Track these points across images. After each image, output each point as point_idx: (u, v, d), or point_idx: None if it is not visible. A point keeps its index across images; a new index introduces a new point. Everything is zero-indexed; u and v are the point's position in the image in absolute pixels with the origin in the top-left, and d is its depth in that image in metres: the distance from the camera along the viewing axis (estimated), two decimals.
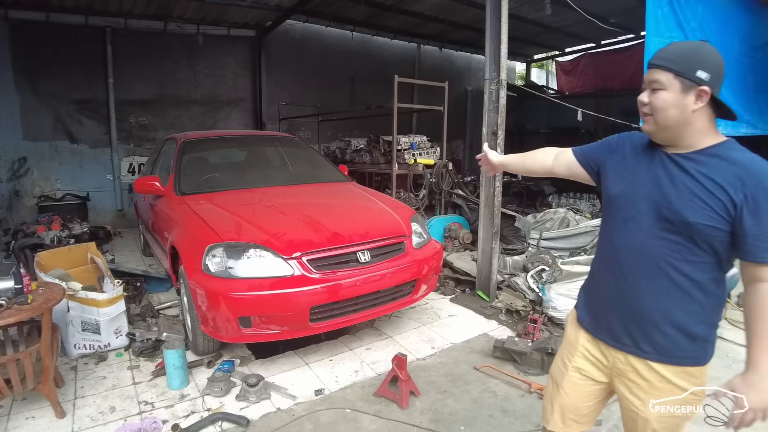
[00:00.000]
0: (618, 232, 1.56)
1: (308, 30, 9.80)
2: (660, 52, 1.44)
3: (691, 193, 1.39)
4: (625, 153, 1.61)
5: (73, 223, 6.64)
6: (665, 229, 1.44)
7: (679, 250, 1.43)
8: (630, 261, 1.52)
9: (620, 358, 1.58)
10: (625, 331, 1.55)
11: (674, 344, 1.48)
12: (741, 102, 5.75)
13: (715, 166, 1.39)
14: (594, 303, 1.69)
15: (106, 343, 3.51)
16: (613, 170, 1.62)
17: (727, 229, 1.37)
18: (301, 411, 2.85)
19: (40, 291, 2.82)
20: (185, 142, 4.77)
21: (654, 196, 1.46)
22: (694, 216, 1.38)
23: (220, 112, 9.36)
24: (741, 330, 3.94)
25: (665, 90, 1.40)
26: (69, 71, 7.78)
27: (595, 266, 1.71)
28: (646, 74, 1.46)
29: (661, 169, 1.48)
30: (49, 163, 7.87)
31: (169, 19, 8.36)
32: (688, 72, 1.37)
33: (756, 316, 1.37)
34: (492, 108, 4.36)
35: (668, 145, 1.49)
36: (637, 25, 9.17)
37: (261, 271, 3.08)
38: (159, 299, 4.59)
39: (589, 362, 1.69)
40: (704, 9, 4.98)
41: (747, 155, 1.40)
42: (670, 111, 1.40)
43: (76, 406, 2.90)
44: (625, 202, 1.54)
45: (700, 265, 1.43)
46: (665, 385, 1.50)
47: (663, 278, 1.46)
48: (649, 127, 1.47)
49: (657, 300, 1.48)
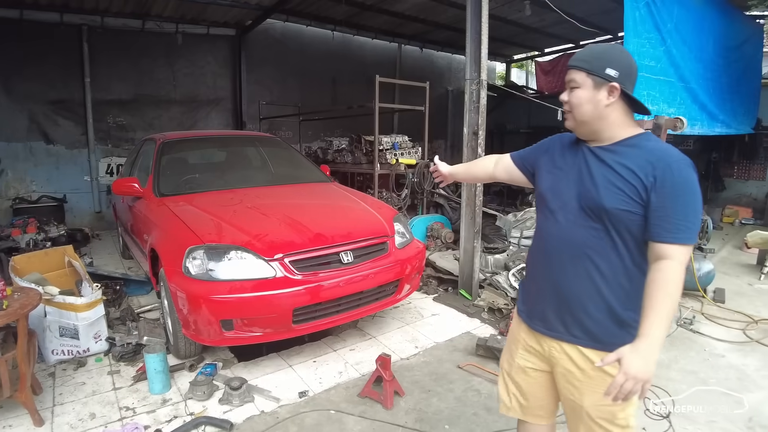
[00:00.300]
0: (547, 224, 1.66)
1: (289, 29, 9.74)
2: (576, 54, 1.58)
3: (608, 182, 1.50)
4: (555, 152, 1.72)
5: (50, 226, 6.51)
6: (587, 217, 1.53)
7: (601, 236, 1.52)
8: (558, 250, 1.61)
9: (555, 347, 1.65)
10: (558, 318, 1.62)
11: (604, 330, 1.55)
12: (716, 102, 5.88)
13: (630, 154, 1.49)
14: (529, 294, 1.78)
15: (85, 349, 3.45)
16: (545, 168, 1.73)
17: (641, 212, 1.46)
18: (285, 413, 2.83)
19: (15, 296, 2.75)
20: (164, 143, 4.70)
21: (576, 187, 1.57)
22: (610, 202, 1.48)
23: (199, 111, 9.25)
24: (718, 325, 4.07)
25: (580, 88, 1.54)
26: (44, 70, 7.59)
27: (529, 259, 1.80)
28: (566, 76, 1.59)
29: (582, 162, 1.59)
30: (23, 164, 7.68)
31: (147, 17, 8.22)
32: (598, 70, 1.50)
33: (654, 290, 1.41)
34: (473, 108, 4.38)
35: (590, 139, 1.60)
36: (614, 26, 9.29)
37: (242, 273, 3.05)
38: (139, 302, 4.53)
39: (530, 353, 1.77)
40: (680, 10, 5.08)
41: (661, 144, 1.52)
42: (585, 107, 1.53)
43: (55, 413, 2.84)
44: (552, 195, 1.65)
45: (623, 251, 1.51)
46: (597, 373, 1.56)
47: (588, 265, 1.54)
48: (570, 123, 1.60)
49: (584, 286, 1.55)
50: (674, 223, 1.41)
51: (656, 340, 1.38)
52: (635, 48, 4.60)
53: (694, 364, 3.49)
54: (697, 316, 4.27)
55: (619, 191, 1.47)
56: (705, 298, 4.69)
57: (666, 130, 3.63)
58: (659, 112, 4.64)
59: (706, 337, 3.91)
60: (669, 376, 3.29)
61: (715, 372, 3.38)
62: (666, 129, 3.63)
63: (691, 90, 5.39)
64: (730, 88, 6.26)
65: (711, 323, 4.20)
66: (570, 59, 1.57)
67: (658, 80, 4.86)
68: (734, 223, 8.54)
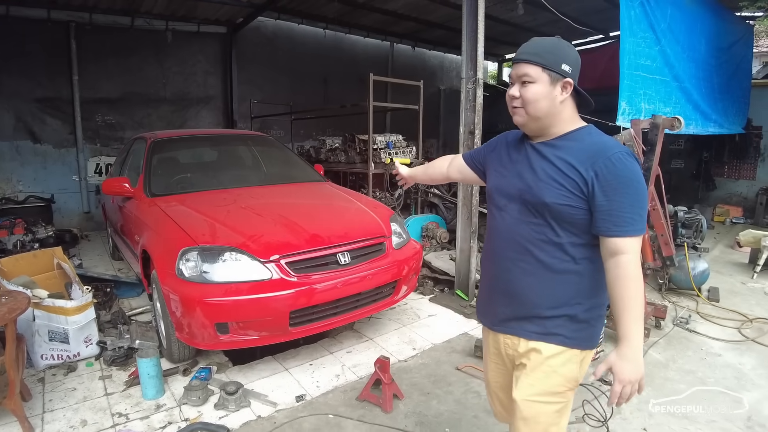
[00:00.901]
0: (494, 222, 1.67)
1: (280, 27, 9.66)
2: (524, 48, 1.53)
3: (548, 176, 1.48)
4: (501, 150, 1.72)
5: (37, 227, 6.39)
6: (529, 213, 1.53)
7: (544, 232, 1.51)
8: (504, 247, 1.61)
9: (509, 343, 1.66)
10: (510, 315, 1.62)
11: (553, 323, 1.54)
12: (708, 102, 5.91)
13: (571, 148, 1.49)
14: (483, 295, 1.78)
15: (76, 353, 3.37)
16: (492, 166, 1.74)
17: (583, 206, 1.45)
18: (282, 418, 2.78)
19: (3, 300, 2.67)
20: (155, 142, 4.62)
21: (518, 184, 1.56)
22: (550, 197, 1.47)
23: (189, 110, 9.14)
24: (714, 324, 4.08)
25: (535, 83, 1.49)
26: (31, 68, 7.46)
27: (482, 257, 1.80)
28: (513, 70, 1.54)
29: (524, 159, 1.58)
30: (9, 163, 7.54)
31: (136, 14, 8.10)
32: (554, 65, 1.47)
33: (620, 288, 1.42)
34: (469, 107, 4.34)
35: (537, 135, 1.58)
36: (606, 25, 9.36)
37: (238, 275, 2.98)
38: (130, 305, 4.44)
39: (496, 355, 1.76)
40: (673, 11, 5.10)
41: (602, 137, 1.50)
42: (542, 102, 1.49)
43: (45, 420, 2.76)
44: (498, 193, 1.65)
45: (567, 245, 1.50)
46: (544, 366, 1.56)
47: (533, 261, 1.54)
48: (521, 119, 1.55)
49: (530, 282, 1.55)
50: (623, 217, 1.40)
51: (638, 341, 1.41)
52: (631, 47, 4.60)
53: (692, 364, 3.48)
54: (692, 315, 4.28)
55: (559, 186, 1.46)
56: (700, 297, 4.70)
57: (663, 130, 3.62)
58: (655, 111, 4.64)
59: (703, 336, 3.92)
60: (667, 376, 3.29)
61: (712, 371, 3.38)
62: (663, 128, 3.61)
63: (685, 89, 5.41)
64: (721, 87, 6.30)
65: (707, 322, 4.21)
66: (518, 53, 1.53)
67: (654, 79, 4.86)
68: (725, 222, 8.60)
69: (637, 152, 3.56)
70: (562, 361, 1.55)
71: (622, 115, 4.53)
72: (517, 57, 1.52)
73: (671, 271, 4.47)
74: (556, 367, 1.55)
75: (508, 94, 1.56)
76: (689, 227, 5.02)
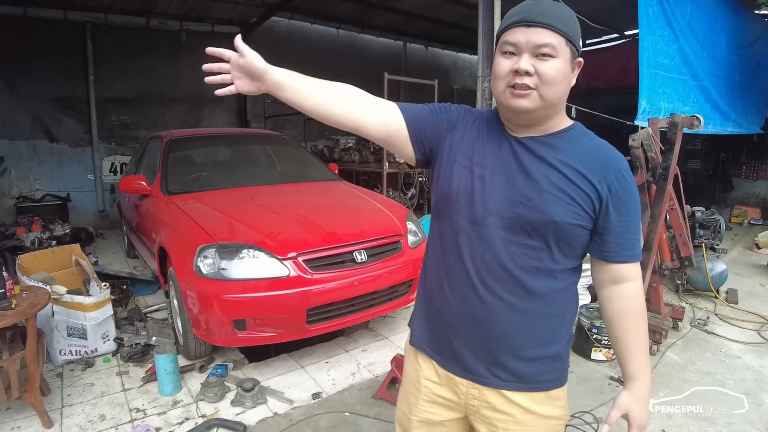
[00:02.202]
0: (460, 239, 1.23)
1: (293, 27, 9.68)
2: (541, 9, 1.11)
3: (554, 187, 1.14)
4: (470, 134, 1.26)
5: (54, 225, 6.45)
6: (523, 233, 1.17)
7: (539, 257, 1.18)
8: (483, 274, 1.21)
9: (473, 393, 1.28)
10: (478, 359, 1.26)
11: (536, 368, 1.24)
12: (727, 101, 5.83)
13: (572, 151, 1.17)
14: (436, 327, 1.34)
15: (93, 349, 3.39)
16: (451, 156, 1.26)
17: (590, 226, 1.18)
18: (299, 415, 2.78)
19: (23, 295, 2.70)
20: (171, 140, 4.65)
21: (508, 193, 1.17)
22: (561, 215, 1.13)
23: (203, 110, 9.20)
24: (733, 326, 4.02)
25: (558, 58, 1.11)
26: (47, 68, 7.52)
27: (432, 280, 1.33)
28: (521, 35, 1.11)
29: (512, 157, 1.20)
30: (27, 162, 7.62)
31: (151, 14, 8.16)
32: (576, 39, 1.13)
33: (630, 322, 1.22)
34: (485, 105, 4.32)
35: (525, 125, 1.20)
36: (622, 24, 9.27)
37: (255, 272, 2.99)
38: (146, 302, 4.48)
39: (437, 404, 1.36)
40: (692, 8, 5.03)
41: (603, 141, 1.22)
42: (563, 85, 1.14)
43: (64, 414, 2.79)
44: (469, 200, 1.21)
45: (562, 272, 1.21)
46: (528, 416, 1.26)
47: (522, 292, 1.19)
48: (531, 103, 1.12)
49: (515, 320, 1.21)
50: (632, 240, 1.19)
51: (649, 379, 1.24)
52: (650, 45, 4.55)
53: (711, 365, 3.44)
54: (710, 316, 4.23)
55: (570, 201, 1.13)
56: (718, 299, 4.64)
57: (682, 129, 3.57)
58: (674, 110, 4.58)
59: (721, 338, 3.86)
60: (685, 377, 3.25)
61: (732, 373, 3.33)
62: (682, 127, 3.56)
63: (703, 88, 5.34)
64: (741, 86, 6.21)
65: (725, 324, 4.15)
66: (532, 14, 1.11)
67: (672, 78, 4.81)
68: (743, 223, 8.47)
69: (655, 151, 3.52)
70: (553, 406, 1.29)
71: (642, 114, 4.48)
72: (530, 18, 1.10)
73: (689, 272, 4.41)
74: (550, 416, 1.28)
75: (512, 68, 1.12)
76: (707, 228, 4.96)
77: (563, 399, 1.32)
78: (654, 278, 3.76)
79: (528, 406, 1.25)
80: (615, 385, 3.11)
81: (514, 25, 1.12)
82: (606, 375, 3.22)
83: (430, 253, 1.36)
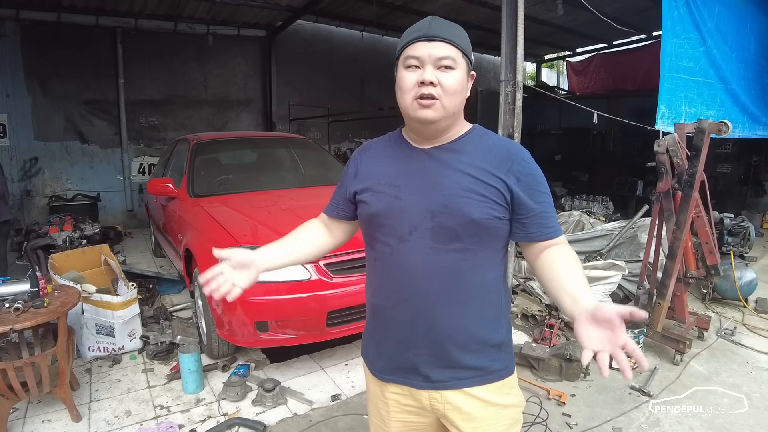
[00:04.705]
0: (394, 258, 1.28)
1: (318, 30, 9.78)
2: (437, 25, 1.21)
3: (463, 189, 1.22)
4: (366, 169, 1.37)
5: (85, 224, 6.65)
6: (447, 238, 1.23)
7: (468, 257, 1.24)
8: (422, 284, 1.26)
9: (436, 398, 1.32)
10: (435, 366, 1.30)
11: (487, 357, 1.30)
12: (758, 104, 5.67)
13: (473, 152, 1.26)
14: (388, 349, 1.37)
15: (120, 346, 3.50)
16: (365, 191, 1.34)
17: (507, 216, 1.25)
18: (318, 417, 2.82)
19: (55, 294, 2.80)
20: (198, 144, 4.75)
21: (424, 204, 1.24)
22: (477, 212, 1.20)
23: (230, 112, 9.36)
24: (761, 336, 3.92)
25: (457, 69, 1.20)
26: (80, 72, 7.79)
27: (376, 302, 1.39)
28: (422, 49, 1.20)
29: (421, 169, 1.27)
30: (59, 163, 7.89)
31: (179, 19, 8.36)
32: (470, 53, 1.25)
33: (569, 259, 1.22)
34: (508, 110, 4.30)
35: (429, 137, 1.29)
36: (649, 25, 9.12)
37: (278, 274, 3.03)
38: (171, 301, 4.58)
39: (408, 413, 1.40)
40: (721, 9, 4.92)
41: (499, 136, 1.33)
42: (462, 95, 1.23)
43: (92, 409, 2.89)
44: (392, 219, 1.27)
45: (490, 265, 1.29)
46: (490, 409, 1.31)
47: (461, 292, 1.26)
48: (435, 113, 1.20)
49: (460, 319, 1.27)
50: (551, 218, 1.26)
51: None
52: (673, 49, 4.46)
53: (737, 377, 3.36)
54: (738, 327, 4.12)
55: (482, 198, 1.21)
56: (746, 309, 4.53)
57: (709, 134, 3.50)
58: (697, 115, 4.49)
59: (749, 349, 3.77)
60: (710, 389, 3.18)
61: (758, 386, 3.24)
62: (710, 133, 3.49)
63: (732, 91, 5.21)
64: None
65: (753, 335, 4.05)
66: (429, 30, 1.20)
67: (696, 81, 4.70)
68: None
69: (681, 157, 3.46)
70: (510, 394, 1.35)
71: (662, 119, 4.39)
72: (431, 33, 1.19)
73: (716, 280, 4.32)
74: (509, 405, 1.34)
75: (416, 80, 1.20)
76: (736, 235, 4.85)
77: (517, 387, 1.40)
78: (678, 286, 3.69)
79: (488, 398, 1.31)
80: (635, 395, 3.07)
81: (415, 40, 1.21)
82: (626, 384, 3.18)
83: (371, 279, 1.41)
